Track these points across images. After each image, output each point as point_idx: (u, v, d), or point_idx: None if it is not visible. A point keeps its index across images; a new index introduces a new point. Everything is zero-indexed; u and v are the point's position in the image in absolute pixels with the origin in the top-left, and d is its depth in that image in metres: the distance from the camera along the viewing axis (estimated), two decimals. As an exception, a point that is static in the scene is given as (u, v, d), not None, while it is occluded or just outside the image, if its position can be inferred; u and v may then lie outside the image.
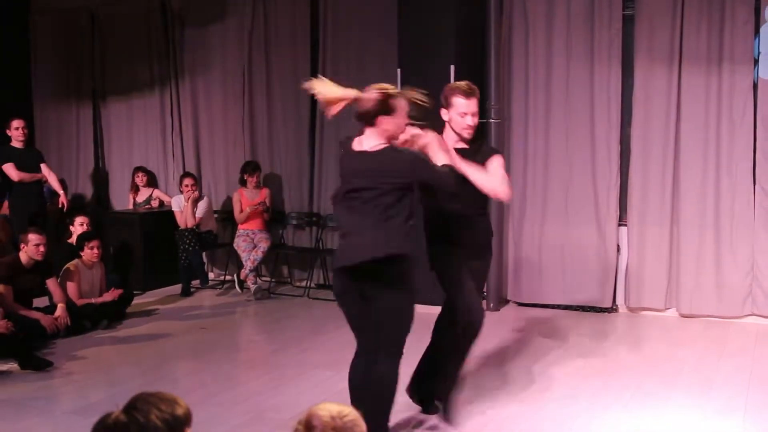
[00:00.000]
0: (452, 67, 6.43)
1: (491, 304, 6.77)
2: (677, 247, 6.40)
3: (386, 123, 3.41)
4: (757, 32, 6.01)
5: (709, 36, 6.15)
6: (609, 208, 6.58)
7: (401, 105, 3.44)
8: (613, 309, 6.63)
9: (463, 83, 3.97)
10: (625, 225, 6.60)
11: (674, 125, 6.34)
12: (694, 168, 6.31)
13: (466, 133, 3.91)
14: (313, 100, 7.77)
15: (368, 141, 3.46)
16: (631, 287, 6.57)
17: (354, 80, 7.32)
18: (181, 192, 7.83)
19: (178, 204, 7.82)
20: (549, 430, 4.10)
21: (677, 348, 5.59)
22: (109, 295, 6.45)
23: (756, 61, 6.08)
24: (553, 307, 6.73)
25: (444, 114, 3.95)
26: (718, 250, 6.25)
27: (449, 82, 6.37)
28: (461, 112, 3.88)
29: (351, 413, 1.93)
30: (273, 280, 7.90)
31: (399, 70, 6.65)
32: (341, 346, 5.72)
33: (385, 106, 3.39)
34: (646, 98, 6.43)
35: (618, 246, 6.61)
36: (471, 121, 3.88)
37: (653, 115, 6.41)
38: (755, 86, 6.09)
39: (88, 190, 9.18)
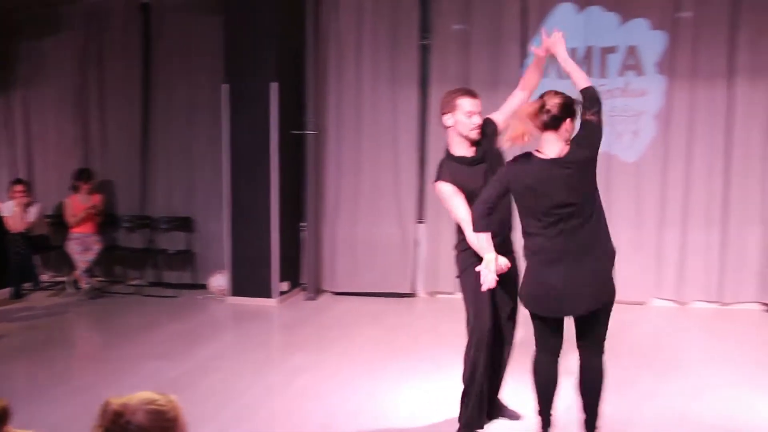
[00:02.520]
0: (274, 84, 6.65)
1: (310, 294, 7.08)
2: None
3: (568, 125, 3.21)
4: (522, 63, 6.75)
5: (489, 64, 6.81)
6: (409, 208, 7.11)
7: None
8: (412, 294, 7.15)
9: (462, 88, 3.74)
10: (424, 222, 7.16)
11: (462, 138, 6.95)
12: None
13: (474, 134, 3.57)
14: (144, 110, 7.71)
15: (552, 147, 3.18)
16: (429, 274, 7.13)
17: (184, 93, 7.47)
18: (11, 198, 7.47)
19: (9, 209, 7.46)
20: (359, 402, 4.41)
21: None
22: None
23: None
24: (363, 294, 7.12)
25: (448, 119, 3.59)
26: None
27: (269, 97, 6.63)
28: (468, 111, 3.54)
29: (161, 400, 1.68)
30: (107, 279, 7.72)
31: (226, 86, 6.77)
32: (171, 338, 5.81)
33: (570, 111, 3.20)
34: (440, 115, 6.98)
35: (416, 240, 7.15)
36: (479, 120, 3.56)
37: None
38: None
39: None
